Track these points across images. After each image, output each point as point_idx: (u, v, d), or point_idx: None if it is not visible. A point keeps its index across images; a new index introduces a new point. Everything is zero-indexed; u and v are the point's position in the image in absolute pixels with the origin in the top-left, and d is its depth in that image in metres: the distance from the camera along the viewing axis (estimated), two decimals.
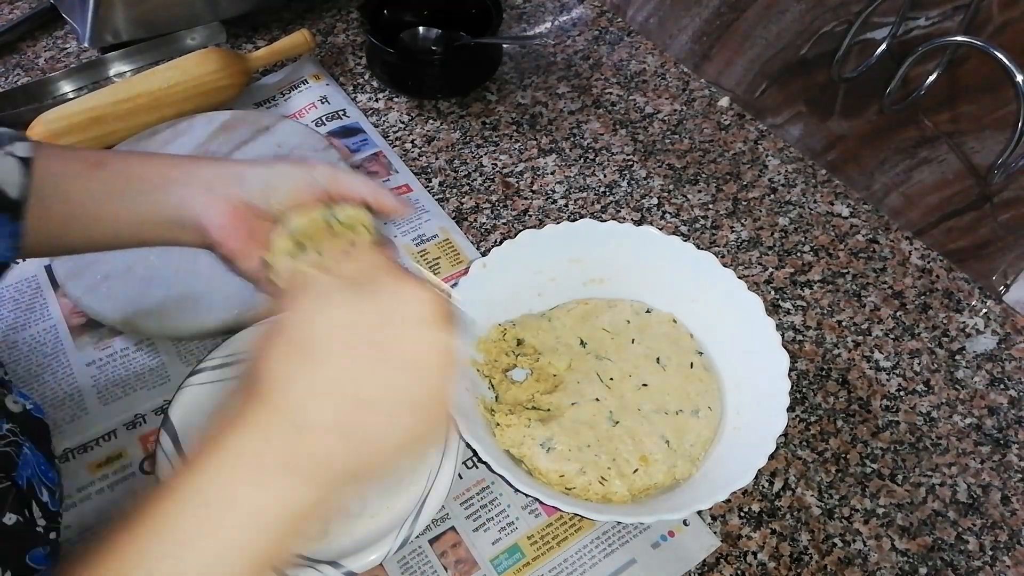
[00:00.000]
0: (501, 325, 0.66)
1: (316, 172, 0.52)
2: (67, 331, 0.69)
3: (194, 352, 0.68)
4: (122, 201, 0.52)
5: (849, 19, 0.73)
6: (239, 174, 0.52)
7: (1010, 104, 0.64)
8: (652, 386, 0.62)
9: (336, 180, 0.52)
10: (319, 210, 0.51)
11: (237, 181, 0.52)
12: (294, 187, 0.51)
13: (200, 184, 0.51)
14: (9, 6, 1.02)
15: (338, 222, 0.51)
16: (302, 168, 0.53)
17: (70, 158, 0.53)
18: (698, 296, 0.66)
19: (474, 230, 0.78)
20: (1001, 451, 0.64)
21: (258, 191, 0.51)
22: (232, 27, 0.98)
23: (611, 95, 0.92)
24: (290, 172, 0.52)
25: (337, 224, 0.51)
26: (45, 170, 0.51)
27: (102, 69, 0.93)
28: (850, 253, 0.77)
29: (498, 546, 0.58)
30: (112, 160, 0.54)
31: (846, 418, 0.65)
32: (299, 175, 0.52)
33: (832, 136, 0.82)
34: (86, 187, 0.52)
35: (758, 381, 0.60)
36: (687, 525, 0.59)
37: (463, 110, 0.90)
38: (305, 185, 0.51)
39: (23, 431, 0.53)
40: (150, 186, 0.52)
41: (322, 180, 0.52)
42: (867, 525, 0.60)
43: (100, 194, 0.52)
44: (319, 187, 0.51)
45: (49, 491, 0.54)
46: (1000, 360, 0.69)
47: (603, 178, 0.83)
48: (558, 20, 1.02)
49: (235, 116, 0.82)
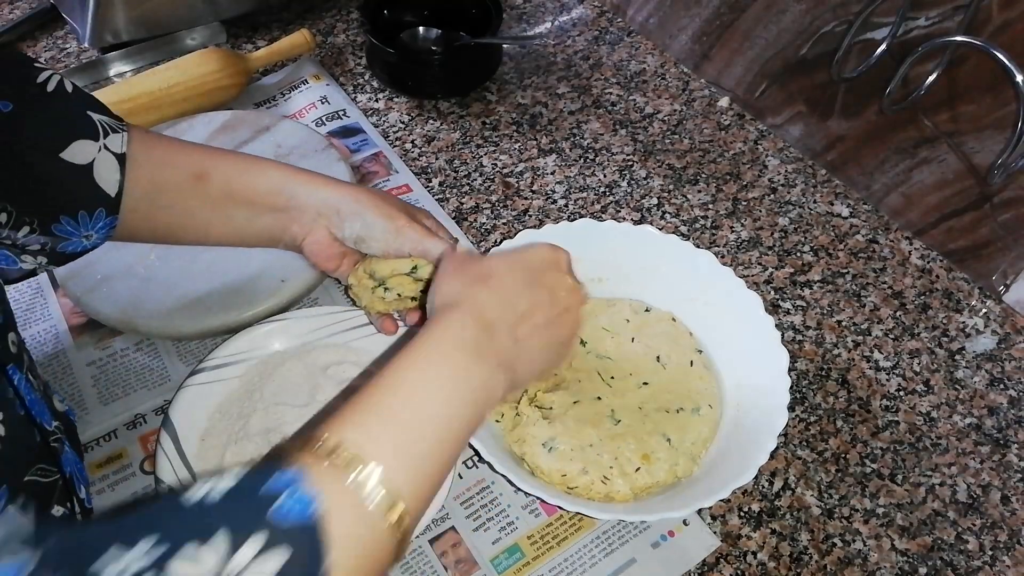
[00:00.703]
0: None
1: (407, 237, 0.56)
2: (67, 331, 0.69)
3: (194, 352, 0.68)
4: (223, 219, 0.56)
5: (849, 19, 0.73)
6: (339, 212, 0.56)
7: (1010, 104, 0.64)
8: (653, 385, 0.62)
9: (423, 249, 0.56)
10: (404, 264, 0.56)
11: (336, 221, 0.57)
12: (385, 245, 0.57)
13: (306, 218, 0.56)
14: (9, 6, 1.02)
15: (417, 276, 0.57)
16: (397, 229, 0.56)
17: (173, 162, 0.55)
18: (697, 295, 0.66)
19: (474, 230, 0.79)
20: (1001, 451, 0.64)
21: (351, 239, 0.57)
22: (232, 27, 0.98)
23: (611, 95, 0.92)
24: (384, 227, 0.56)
25: (416, 276, 0.57)
26: (146, 175, 0.53)
27: (102, 69, 0.93)
28: (850, 253, 0.77)
29: (498, 546, 0.58)
30: (214, 170, 0.56)
31: (846, 418, 0.65)
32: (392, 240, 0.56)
33: (832, 136, 0.82)
34: (188, 202, 0.55)
35: (758, 379, 0.60)
36: (687, 525, 0.59)
37: (463, 110, 0.90)
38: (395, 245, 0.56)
39: (63, 429, 0.55)
40: (256, 213, 0.56)
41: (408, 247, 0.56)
42: (867, 525, 0.60)
43: (202, 210, 0.55)
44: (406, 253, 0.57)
45: (86, 487, 0.55)
46: (1000, 360, 0.69)
47: (603, 178, 0.83)
48: (558, 20, 1.02)
49: (235, 116, 0.82)
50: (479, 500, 0.60)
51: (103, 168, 0.51)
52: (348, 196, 0.57)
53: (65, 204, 0.50)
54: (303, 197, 0.56)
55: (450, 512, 0.59)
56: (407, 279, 0.57)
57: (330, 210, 0.56)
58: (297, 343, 0.65)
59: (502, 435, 0.60)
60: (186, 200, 0.55)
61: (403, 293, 0.57)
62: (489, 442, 0.56)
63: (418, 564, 0.57)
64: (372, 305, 0.59)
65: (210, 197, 0.55)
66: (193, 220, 0.56)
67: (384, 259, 0.57)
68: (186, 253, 0.70)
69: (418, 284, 0.57)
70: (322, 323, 0.65)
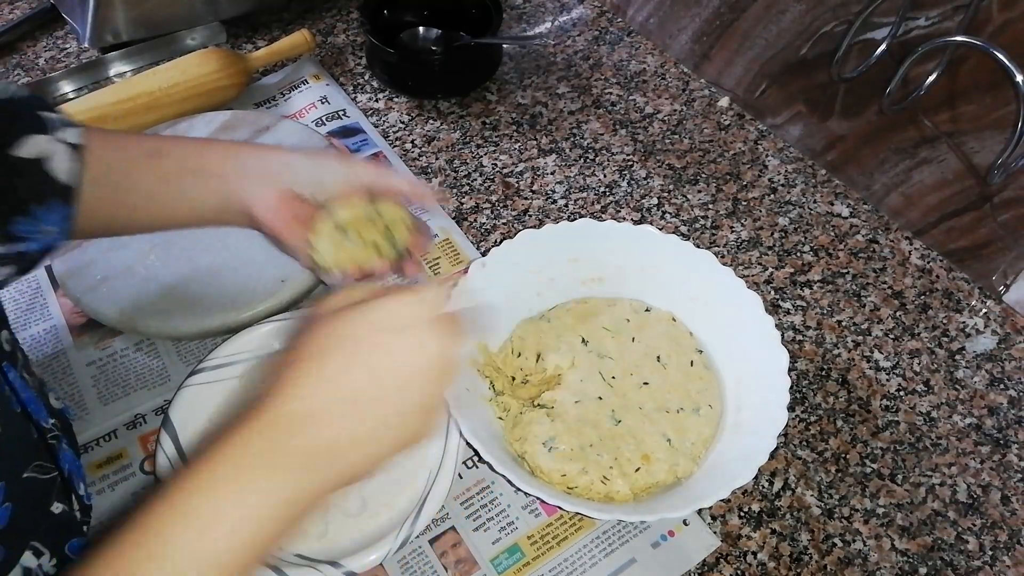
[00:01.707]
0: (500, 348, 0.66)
1: (359, 169, 0.58)
2: (67, 331, 0.69)
3: (194, 352, 0.68)
4: (178, 191, 0.55)
5: (849, 19, 0.73)
6: (289, 164, 0.57)
7: (1010, 104, 0.64)
8: (653, 384, 0.62)
9: (378, 177, 0.57)
10: (362, 204, 0.56)
11: (287, 172, 0.56)
12: (339, 182, 0.56)
13: (253, 176, 0.56)
14: (9, 6, 1.02)
15: (378, 215, 0.57)
16: (347, 165, 0.58)
17: (126, 146, 0.55)
18: (697, 294, 0.66)
19: (474, 230, 0.78)
20: (1001, 451, 0.64)
21: (306, 183, 0.56)
22: (232, 27, 0.98)
23: (611, 95, 0.92)
24: (336, 168, 0.58)
25: (377, 217, 0.57)
26: (100, 159, 0.53)
27: (102, 69, 0.93)
28: (850, 253, 0.77)
29: (498, 546, 0.58)
30: (168, 149, 0.56)
31: (846, 418, 0.65)
32: (344, 172, 0.57)
33: (832, 136, 0.82)
34: (142, 178, 0.55)
35: (758, 378, 0.60)
36: (687, 525, 0.59)
37: (463, 110, 0.90)
38: (350, 181, 0.57)
39: (60, 427, 0.55)
40: (205, 179, 0.55)
41: (365, 178, 0.57)
42: (867, 525, 0.60)
43: (156, 185, 0.55)
44: (362, 184, 0.57)
45: (85, 484, 0.55)
46: (1000, 360, 0.69)
47: (603, 178, 0.83)
48: (558, 20, 1.02)
49: (235, 116, 0.82)
50: (479, 500, 0.60)
51: (57, 159, 0.50)
52: (297, 151, 0.59)
53: (15, 203, 0.49)
54: (253, 161, 0.56)
55: (450, 512, 0.59)
56: (369, 224, 0.56)
57: (280, 165, 0.57)
58: None
59: (502, 434, 0.61)
60: (141, 178, 0.54)
61: (365, 236, 0.56)
62: (489, 442, 0.56)
63: (418, 564, 0.57)
64: (339, 260, 0.56)
65: (165, 173, 0.55)
66: (151, 201, 0.55)
67: (342, 205, 0.56)
68: (186, 253, 0.70)
69: (380, 226, 0.57)
70: None
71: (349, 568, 0.52)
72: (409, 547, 0.57)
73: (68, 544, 0.50)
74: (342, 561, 0.53)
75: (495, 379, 0.63)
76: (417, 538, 0.56)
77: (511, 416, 0.61)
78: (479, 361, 0.63)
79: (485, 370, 0.63)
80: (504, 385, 0.63)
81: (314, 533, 0.55)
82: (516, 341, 0.65)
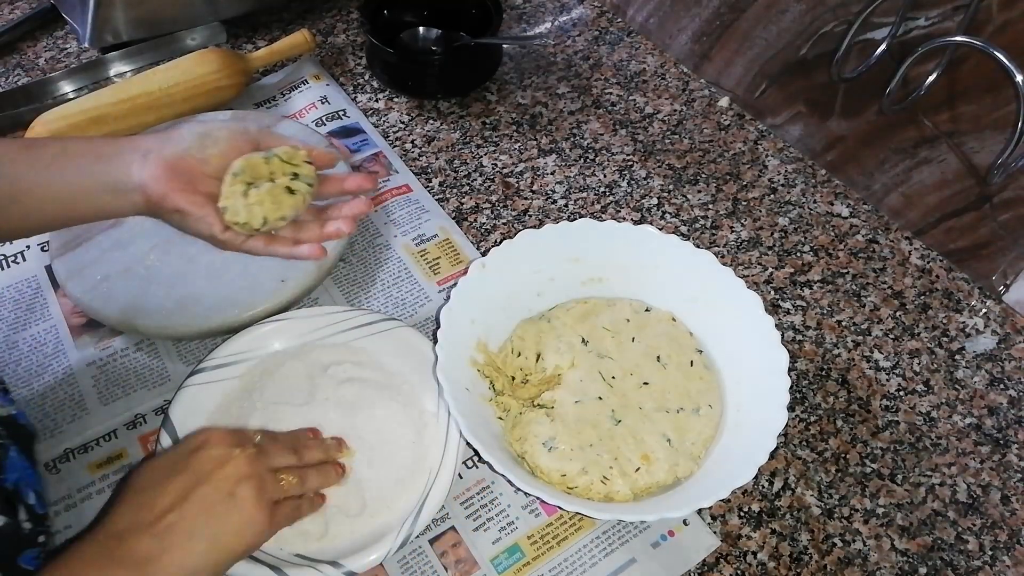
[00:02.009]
0: (500, 348, 0.66)
1: (247, 123, 0.57)
2: (67, 331, 0.69)
3: (194, 352, 0.68)
4: (56, 176, 0.54)
5: (849, 19, 0.73)
6: (169, 134, 0.56)
7: (1010, 104, 0.64)
8: (653, 384, 0.62)
9: (267, 130, 0.57)
10: (257, 154, 0.56)
11: (169, 140, 0.55)
12: (228, 135, 0.56)
13: (134, 151, 0.54)
14: (9, 6, 1.02)
15: (278, 157, 0.56)
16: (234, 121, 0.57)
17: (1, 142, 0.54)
18: (697, 294, 0.66)
19: (474, 230, 0.79)
20: (1001, 451, 0.64)
21: (193, 144, 0.55)
22: (232, 27, 0.98)
23: (611, 95, 0.92)
24: (223, 125, 0.57)
25: (277, 159, 0.56)
26: None
27: (102, 69, 0.93)
28: (850, 253, 0.77)
29: (498, 546, 0.58)
30: (47, 143, 0.56)
31: (846, 418, 0.65)
32: (232, 126, 0.57)
33: (832, 136, 0.82)
34: (18, 169, 0.53)
35: (758, 378, 0.60)
36: (687, 525, 0.59)
37: (463, 110, 0.90)
38: (239, 134, 0.56)
39: (9, 435, 0.54)
40: (83, 161, 0.54)
41: (253, 131, 0.57)
42: (867, 525, 0.60)
43: (32, 173, 0.54)
44: (252, 137, 0.57)
45: (36, 494, 0.54)
46: (1000, 360, 0.69)
47: (603, 178, 0.83)
48: (558, 20, 1.02)
49: (235, 116, 0.82)
50: (479, 500, 0.60)
51: None
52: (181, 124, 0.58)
53: None
54: (128, 143, 0.55)
55: (450, 512, 0.59)
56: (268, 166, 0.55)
57: (159, 140, 0.55)
58: (297, 343, 0.65)
59: (502, 434, 0.61)
60: (16, 167, 0.53)
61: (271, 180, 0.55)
62: (489, 442, 0.56)
63: (418, 564, 0.57)
64: (252, 213, 0.55)
65: (42, 160, 0.54)
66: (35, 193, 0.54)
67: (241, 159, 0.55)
68: (186, 253, 0.70)
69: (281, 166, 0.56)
70: (322, 323, 0.65)
71: (349, 568, 0.52)
72: (409, 547, 0.57)
73: (20, 557, 0.50)
74: (342, 561, 0.53)
75: (495, 379, 0.63)
76: (417, 538, 0.56)
77: (511, 416, 0.61)
78: (479, 361, 0.63)
79: (485, 370, 0.63)
80: (504, 385, 0.63)
81: (314, 533, 0.55)
82: (516, 341, 0.65)
